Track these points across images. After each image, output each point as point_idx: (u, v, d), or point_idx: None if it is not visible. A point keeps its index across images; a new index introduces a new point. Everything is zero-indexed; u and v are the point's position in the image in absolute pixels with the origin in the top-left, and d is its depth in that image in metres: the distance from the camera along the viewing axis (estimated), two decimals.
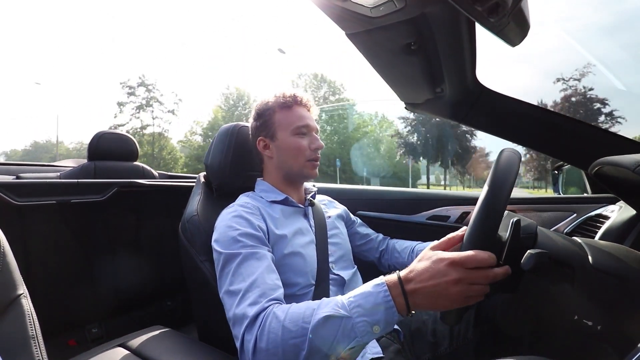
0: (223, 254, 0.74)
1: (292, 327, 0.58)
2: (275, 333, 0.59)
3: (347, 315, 0.57)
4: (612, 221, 0.97)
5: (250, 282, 0.68)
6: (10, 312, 0.48)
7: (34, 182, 1.23)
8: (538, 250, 0.56)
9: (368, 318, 0.56)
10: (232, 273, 0.71)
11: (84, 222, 1.49)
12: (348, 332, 0.56)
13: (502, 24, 0.52)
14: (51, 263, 1.40)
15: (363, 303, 0.57)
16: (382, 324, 0.56)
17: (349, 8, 0.60)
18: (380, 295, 0.57)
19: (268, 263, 0.74)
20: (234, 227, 0.78)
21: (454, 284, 0.54)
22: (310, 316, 0.59)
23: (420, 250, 1.06)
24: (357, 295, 0.59)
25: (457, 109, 1.02)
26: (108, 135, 1.84)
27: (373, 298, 0.57)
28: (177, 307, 1.85)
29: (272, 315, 0.62)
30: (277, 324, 0.60)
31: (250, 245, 0.75)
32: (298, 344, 0.57)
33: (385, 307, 0.56)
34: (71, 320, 1.48)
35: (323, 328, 0.57)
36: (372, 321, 0.56)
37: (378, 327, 0.56)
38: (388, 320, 0.57)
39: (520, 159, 0.62)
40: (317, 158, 0.95)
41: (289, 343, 0.58)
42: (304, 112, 0.95)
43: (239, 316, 0.64)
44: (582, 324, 0.58)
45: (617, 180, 0.77)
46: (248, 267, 0.71)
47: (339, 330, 0.56)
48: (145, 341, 0.78)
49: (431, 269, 0.57)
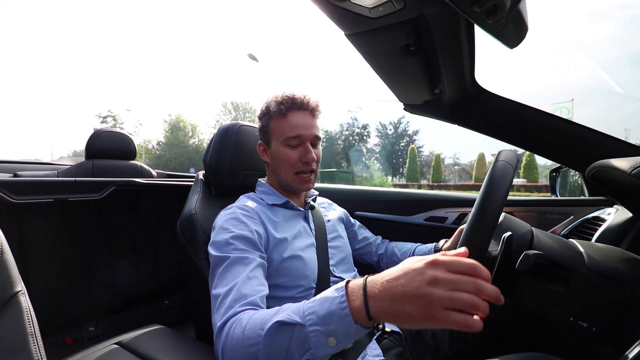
0: (213, 256, 0.74)
1: (250, 334, 0.54)
2: (236, 340, 0.55)
3: (299, 322, 0.50)
4: (608, 224, 0.98)
5: (229, 287, 0.65)
6: (9, 309, 0.48)
7: (31, 180, 1.22)
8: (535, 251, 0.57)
9: (321, 327, 0.49)
10: (218, 276, 0.70)
11: (81, 221, 1.49)
12: (302, 342, 0.50)
13: (500, 26, 0.53)
14: (48, 261, 1.40)
15: (318, 310, 0.50)
16: (338, 335, 0.48)
17: (348, 8, 0.60)
18: (336, 301, 0.49)
19: (253, 267, 0.71)
20: (229, 229, 0.77)
21: (429, 284, 0.43)
22: (267, 322, 0.53)
23: (420, 252, 1.06)
24: (316, 300, 0.52)
25: (456, 111, 1.02)
26: (106, 133, 1.84)
27: (328, 304, 0.50)
28: (174, 306, 1.85)
29: (237, 321, 0.58)
30: (240, 330, 0.56)
31: (240, 249, 0.74)
32: (255, 352, 0.52)
33: (339, 314, 0.48)
34: (68, 318, 1.48)
35: (276, 336, 0.52)
36: (325, 331, 0.48)
37: (334, 339, 0.48)
38: (345, 332, 0.48)
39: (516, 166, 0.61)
40: (308, 170, 0.91)
41: (248, 351, 0.53)
42: (299, 119, 0.88)
43: (214, 322, 0.63)
44: (578, 325, 0.59)
45: (614, 183, 0.78)
46: (233, 272, 0.69)
47: (291, 339, 0.50)
48: (142, 340, 0.78)
49: (405, 267, 0.46)
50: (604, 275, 0.59)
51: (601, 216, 1.07)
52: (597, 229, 1.00)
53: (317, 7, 0.60)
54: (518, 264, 0.56)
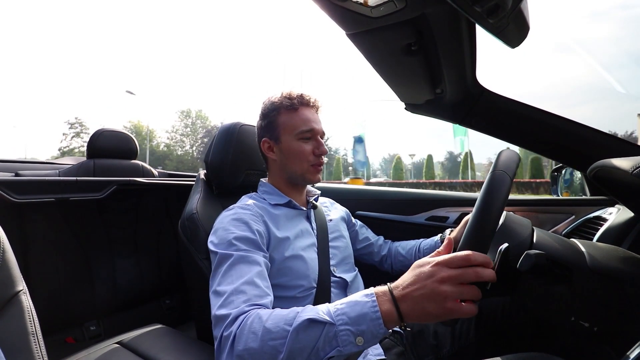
0: (218, 254, 0.74)
1: (273, 329, 0.56)
2: (254, 333, 0.57)
3: (330, 321, 0.55)
4: (610, 223, 0.97)
5: (236, 286, 0.66)
6: (10, 308, 0.48)
7: (33, 180, 1.22)
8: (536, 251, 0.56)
9: (352, 327, 0.54)
10: (222, 274, 0.70)
11: (82, 220, 1.49)
12: (330, 340, 0.54)
13: (501, 25, 0.53)
14: (50, 260, 1.40)
15: (349, 311, 0.55)
16: (366, 336, 0.54)
17: (349, 8, 0.60)
18: (368, 305, 0.55)
19: (260, 269, 0.72)
20: (231, 230, 0.78)
21: (440, 283, 0.51)
22: (293, 319, 0.57)
23: (426, 246, 1.07)
24: (345, 304, 0.57)
25: (457, 110, 1.02)
26: (107, 133, 1.84)
27: (360, 307, 0.55)
28: (175, 305, 1.85)
29: (255, 315, 0.60)
30: (259, 324, 0.58)
31: (244, 249, 0.74)
32: (277, 346, 0.55)
33: (371, 317, 0.54)
34: (69, 317, 1.48)
35: (304, 332, 0.55)
36: (356, 331, 0.54)
37: (362, 338, 0.54)
38: (373, 332, 0.54)
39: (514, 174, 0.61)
40: (321, 163, 0.94)
41: (268, 344, 0.55)
42: (310, 114, 0.92)
43: (219, 317, 0.63)
44: (579, 325, 0.58)
45: (615, 182, 0.77)
46: (238, 271, 0.70)
47: (320, 336, 0.54)
48: (143, 339, 0.78)
49: (417, 273, 0.55)
50: (605, 275, 0.58)
51: (603, 216, 1.06)
52: (599, 228, 0.99)
53: (318, 6, 0.60)
54: (519, 264, 0.56)
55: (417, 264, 0.57)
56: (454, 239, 0.99)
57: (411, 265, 0.59)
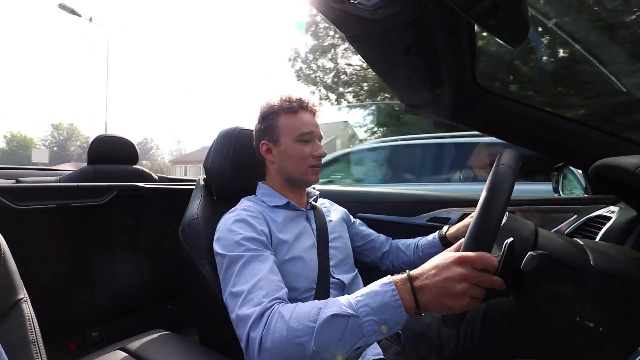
0: (227, 256, 0.75)
1: (297, 326, 0.58)
2: (280, 332, 0.59)
3: (354, 314, 0.56)
4: (612, 222, 0.97)
5: (253, 284, 0.68)
6: (11, 316, 0.48)
7: (33, 186, 1.22)
8: (539, 251, 0.56)
9: (376, 317, 0.55)
10: (236, 275, 0.71)
11: (83, 226, 1.48)
12: (355, 331, 0.56)
13: (501, 26, 0.53)
14: (51, 267, 1.39)
15: (370, 302, 0.57)
16: (390, 324, 0.56)
17: (348, 11, 0.60)
18: (388, 294, 0.56)
19: (271, 265, 0.74)
20: (237, 231, 0.78)
21: (459, 281, 0.53)
22: (316, 315, 0.58)
23: (423, 244, 1.08)
24: (364, 295, 0.58)
25: (457, 111, 1.02)
26: (108, 138, 1.84)
27: (380, 297, 0.57)
28: (177, 311, 1.84)
29: (277, 314, 0.62)
30: (282, 323, 0.60)
31: (253, 248, 0.75)
32: (303, 342, 0.57)
33: (392, 305, 0.55)
34: (71, 324, 1.47)
35: (329, 327, 0.57)
36: (379, 320, 0.55)
37: (386, 326, 0.55)
38: (396, 320, 0.56)
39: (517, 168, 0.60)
40: (319, 165, 0.95)
41: (294, 342, 0.57)
42: (309, 117, 0.94)
43: (242, 317, 0.64)
44: (584, 325, 0.58)
45: (618, 181, 0.77)
46: (251, 269, 0.71)
47: (345, 329, 0.56)
48: (145, 345, 0.77)
49: (439, 265, 0.56)
50: (610, 274, 0.58)
51: (605, 215, 1.06)
52: (601, 227, 0.99)
53: (318, 10, 0.61)
54: (523, 264, 0.55)
55: (440, 255, 0.59)
56: (455, 236, 0.99)
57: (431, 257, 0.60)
